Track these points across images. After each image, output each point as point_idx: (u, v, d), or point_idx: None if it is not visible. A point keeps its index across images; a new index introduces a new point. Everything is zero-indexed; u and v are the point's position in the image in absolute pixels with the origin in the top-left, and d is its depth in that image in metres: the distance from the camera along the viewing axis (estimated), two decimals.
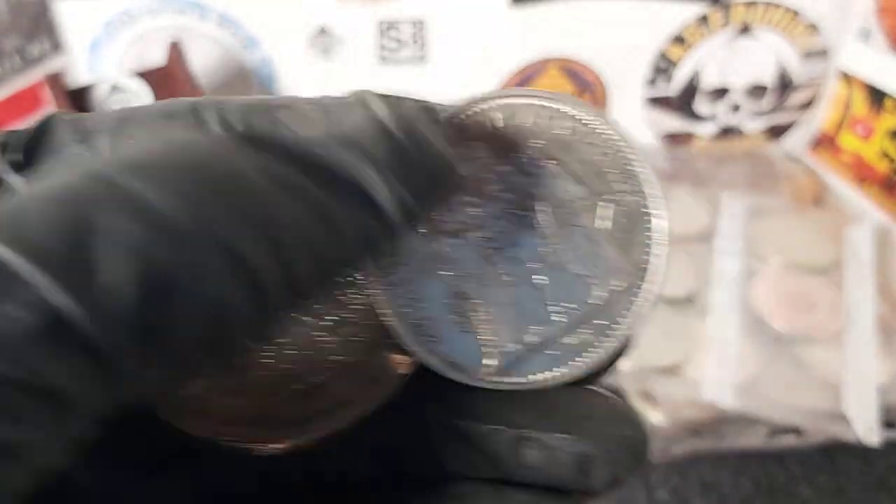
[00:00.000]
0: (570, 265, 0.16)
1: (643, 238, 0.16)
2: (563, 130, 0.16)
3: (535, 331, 0.16)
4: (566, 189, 0.16)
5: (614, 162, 0.16)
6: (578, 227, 0.16)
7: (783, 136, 0.75)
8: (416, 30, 0.65)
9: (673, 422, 0.48)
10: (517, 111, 0.17)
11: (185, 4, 0.63)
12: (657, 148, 0.74)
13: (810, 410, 0.48)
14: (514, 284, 0.16)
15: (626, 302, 0.16)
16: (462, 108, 0.16)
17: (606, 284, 0.16)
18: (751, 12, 0.66)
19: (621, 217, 0.16)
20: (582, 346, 0.16)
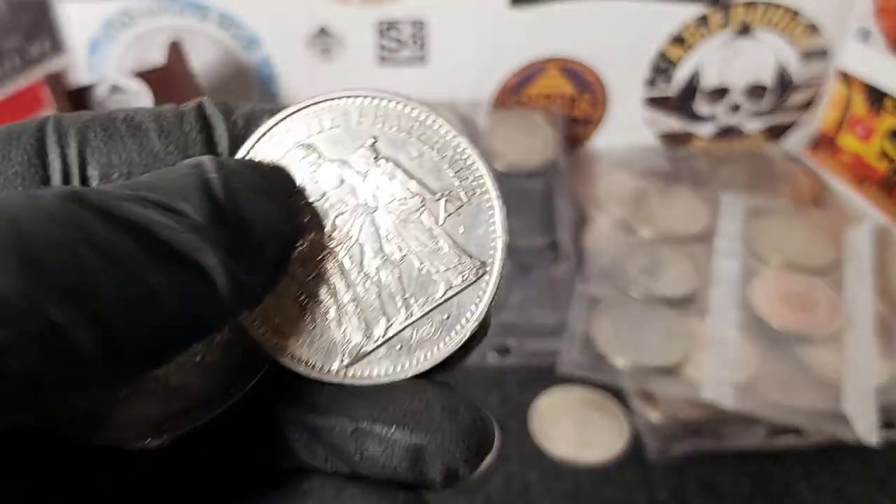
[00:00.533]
0: (413, 262, 0.17)
1: (485, 232, 0.17)
2: (394, 129, 0.17)
3: (380, 327, 0.17)
4: (404, 187, 0.17)
5: (450, 158, 0.17)
6: (418, 223, 0.17)
7: (783, 137, 0.75)
8: (416, 30, 0.65)
9: (673, 422, 0.48)
10: (347, 111, 0.17)
11: (185, 5, 0.63)
12: (657, 148, 0.74)
13: (810, 410, 0.48)
14: (358, 283, 0.17)
15: (472, 296, 0.17)
16: (287, 114, 0.17)
17: (448, 279, 0.17)
18: (750, 13, 0.67)
19: (461, 213, 0.17)
20: (428, 340, 0.17)
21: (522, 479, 0.47)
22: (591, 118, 0.72)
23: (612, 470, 0.48)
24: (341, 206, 0.17)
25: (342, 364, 0.17)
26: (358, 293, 0.17)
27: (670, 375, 0.50)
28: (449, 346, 0.17)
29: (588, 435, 0.49)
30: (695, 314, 0.55)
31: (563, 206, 0.63)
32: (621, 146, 0.73)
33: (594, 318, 0.55)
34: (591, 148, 0.73)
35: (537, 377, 0.53)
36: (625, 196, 0.66)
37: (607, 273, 0.58)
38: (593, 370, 0.52)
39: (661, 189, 0.66)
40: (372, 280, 0.17)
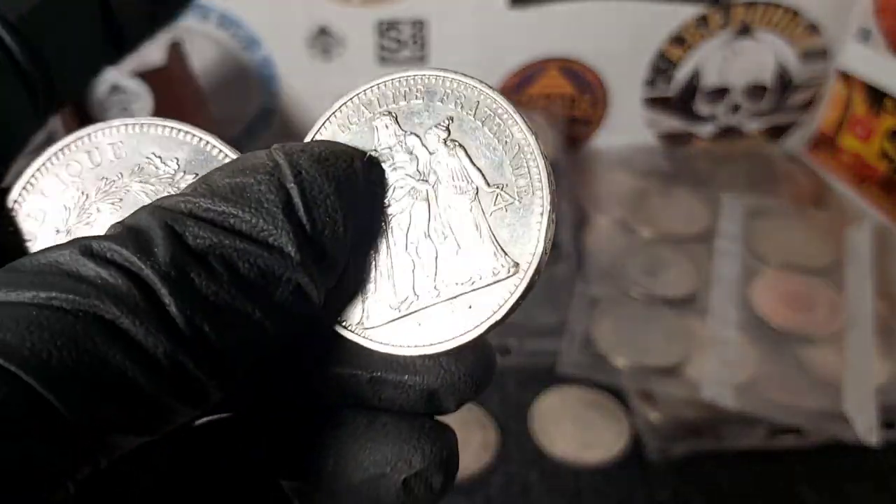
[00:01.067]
0: (452, 245, 0.17)
1: (528, 236, 0.17)
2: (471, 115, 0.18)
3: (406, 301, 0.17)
4: (463, 172, 0.17)
5: (515, 156, 0.17)
6: (466, 210, 0.17)
7: (783, 137, 0.75)
8: (416, 30, 0.65)
9: (673, 422, 0.48)
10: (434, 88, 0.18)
11: None
12: (657, 148, 0.74)
13: (810, 410, 0.48)
14: (397, 253, 0.17)
15: (498, 294, 0.17)
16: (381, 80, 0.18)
17: (480, 272, 0.17)
18: (750, 13, 0.67)
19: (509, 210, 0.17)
20: (446, 325, 0.17)
21: (523, 478, 0.47)
22: (591, 118, 0.72)
23: (613, 470, 0.48)
24: (402, 176, 0.18)
25: (365, 325, 0.18)
26: (395, 262, 0.18)
27: (670, 375, 0.50)
28: (464, 337, 0.17)
29: (588, 435, 0.49)
30: (695, 314, 0.55)
31: (563, 206, 0.63)
32: (621, 146, 0.73)
33: (594, 318, 0.55)
34: (592, 148, 0.73)
35: (537, 377, 0.53)
36: (625, 196, 0.66)
37: (607, 273, 0.58)
38: (593, 370, 0.52)
39: (662, 189, 0.66)
40: (410, 253, 0.17)
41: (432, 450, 0.17)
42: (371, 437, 0.17)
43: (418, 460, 0.17)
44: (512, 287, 0.17)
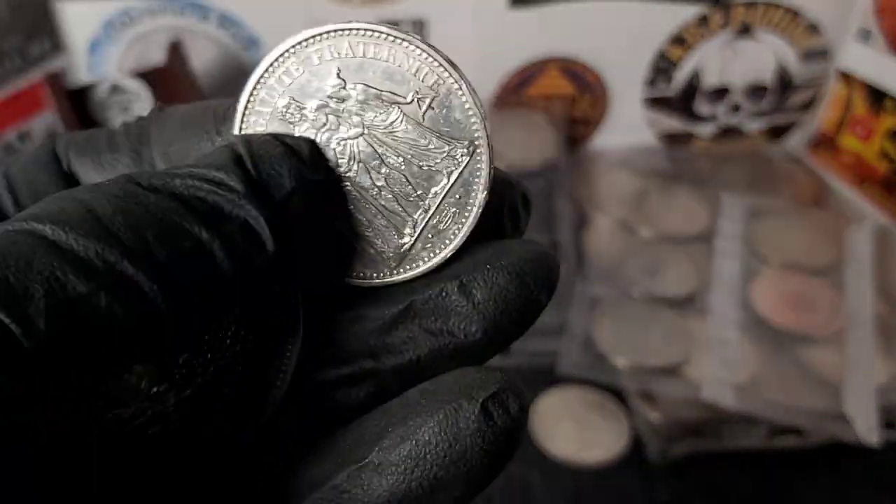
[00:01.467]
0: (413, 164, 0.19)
1: (463, 114, 0.18)
2: (350, 56, 0.19)
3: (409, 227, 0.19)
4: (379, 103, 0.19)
5: (408, 63, 0.19)
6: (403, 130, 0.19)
7: (783, 137, 0.75)
8: (416, 30, 0.65)
9: (673, 422, 0.48)
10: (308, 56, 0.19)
11: (185, 5, 0.63)
12: (657, 148, 0.74)
13: (810, 411, 0.48)
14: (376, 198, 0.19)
15: (472, 171, 0.19)
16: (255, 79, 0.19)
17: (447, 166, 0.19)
18: (751, 13, 0.67)
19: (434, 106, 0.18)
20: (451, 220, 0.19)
21: (523, 479, 0.47)
22: (592, 118, 0.72)
23: (613, 470, 0.48)
24: (335, 140, 0.19)
25: (391, 267, 0.19)
26: (380, 206, 0.19)
27: (671, 376, 0.50)
28: (470, 218, 0.19)
29: (588, 435, 0.49)
30: (695, 314, 0.55)
31: (564, 206, 0.63)
32: (622, 146, 0.73)
33: (595, 318, 0.55)
34: (592, 148, 0.73)
35: (538, 377, 0.53)
36: (625, 196, 0.66)
37: (608, 273, 0.58)
38: (594, 370, 0.52)
39: (662, 189, 0.66)
40: (385, 192, 0.19)
41: (502, 376, 0.17)
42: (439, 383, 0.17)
43: (492, 384, 0.16)
44: (479, 159, 0.18)
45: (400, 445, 0.16)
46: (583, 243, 0.62)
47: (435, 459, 0.16)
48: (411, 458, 0.16)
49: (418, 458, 0.16)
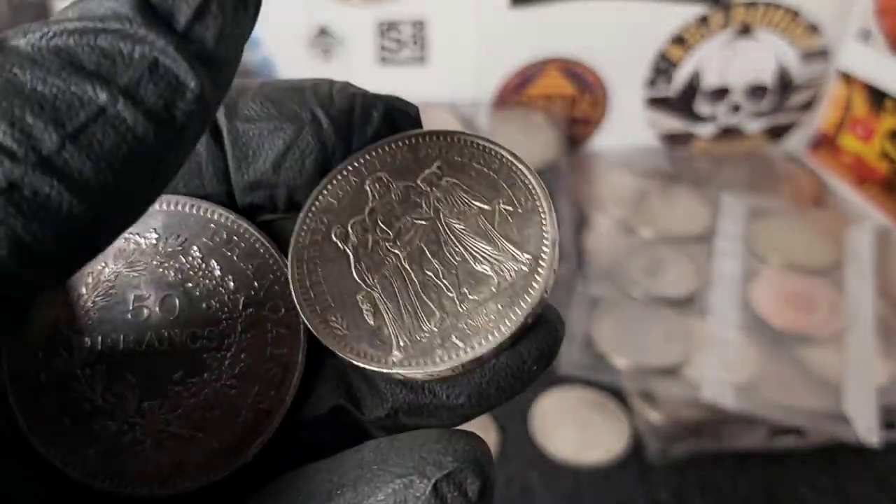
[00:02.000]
0: (470, 263, 0.18)
1: (537, 231, 0.18)
2: (456, 156, 0.19)
3: (435, 319, 0.18)
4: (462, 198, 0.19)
5: (505, 175, 0.19)
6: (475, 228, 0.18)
7: (783, 137, 0.75)
8: (417, 30, 0.65)
9: (673, 422, 0.48)
10: (417, 145, 0.19)
11: None
12: (657, 149, 0.74)
13: (810, 411, 0.48)
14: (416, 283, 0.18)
15: (525, 287, 0.18)
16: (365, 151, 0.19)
17: (501, 272, 0.18)
18: (751, 13, 0.67)
19: (513, 217, 0.18)
20: (483, 328, 0.18)
21: (523, 479, 0.47)
22: (592, 118, 0.72)
23: (613, 470, 0.48)
24: (406, 219, 0.19)
25: (400, 355, 0.18)
26: (417, 291, 0.18)
27: (671, 376, 0.50)
28: (503, 334, 0.17)
29: (589, 435, 0.49)
30: (695, 314, 0.55)
31: (564, 206, 0.63)
32: (622, 147, 0.73)
33: (595, 318, 0.55)
34: (592, 148, 0.73)
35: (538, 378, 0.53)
36: (625, 196, 0.66)
37: (608, 273, 0.58)
38: (594, 371, 0.52)
39: (662, 189, 0.66)
40: (430, 280, 0.18)
41: (465, 448, 0.15)
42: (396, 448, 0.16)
43: (449, 460, 0.15)
44: (537, 277, 0.18)
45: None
46: (583, 243, 0.62)
47: None
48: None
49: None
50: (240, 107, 0.18)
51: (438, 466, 0.15)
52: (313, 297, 0.18)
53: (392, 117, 0.19)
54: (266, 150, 0.18)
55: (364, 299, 0.18)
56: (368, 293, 0.18)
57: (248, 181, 0.18)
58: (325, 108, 0.18)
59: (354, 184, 0.19)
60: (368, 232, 0.19)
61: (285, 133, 0.18)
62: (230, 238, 0.19)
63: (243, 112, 0.18)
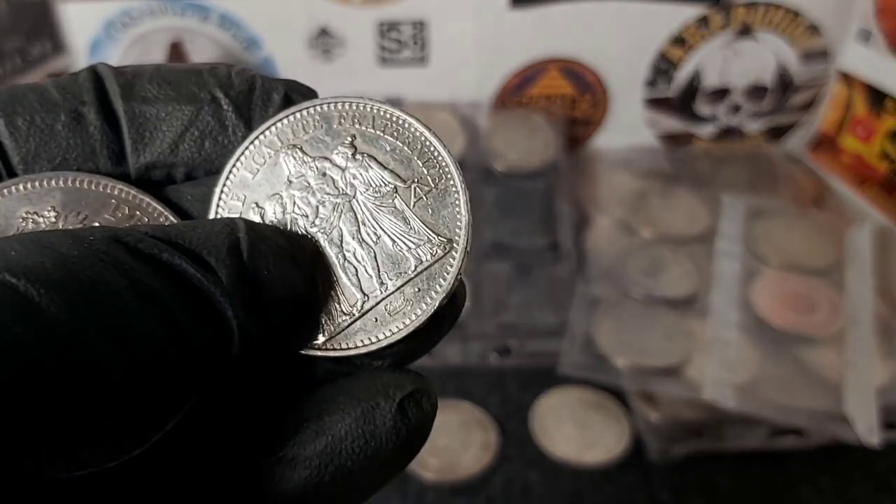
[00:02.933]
0: (387, 242, 0.19)
1: (451, 213, 0.19)
2: (370, 128, 0.19)
3: (357, 303, 0.18)
4: (378, 176, 0.19)
5: (419, 151, 0.19)
6: (391, 208, 0.19)
7: (783, 137, 0.75)
8: (417, 31, 0.65)
9: (673, 422, 0.48)
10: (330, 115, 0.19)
11: (186, 5, 0.63)
12: (658, 149, 0.74)
13: (811, 411, 0.48)
14: (336, 264, 0.19)
15: (440, 270, 0.18)
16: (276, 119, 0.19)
17: (419, 255, 0.18)
18: (751, 13, 0.67)
19: (429, 197, 0.19)
20: (400, 312, 0.18)
21: (523, 479, 0.47)
22: (592, 119, 0.72)
23: (613, 471, 0.48)
24: (323, 196, 0.19)
25: (324, 338, 0.18)
26: (337, 274, 0.18)
27: (671, 376, 0.50)
28: (420, 318, 0.18)
29: (589, 435, 0.49)
30: (695, 315, 0.55)
31: (564, 206, 0.63)
32: (622, 147, 0.73)
33: (595, 318, 0.55)
34: (592, 149, 0.74)
35: (538, 378, 0.53)
36: (625, 197, 0.66)
37: (608, 274, 0.58)
38: (594, 371, 0.52)
39: (662, 190, 0.66)
40: (349, 261, 0.19)
41: (415, 376, 0.18)
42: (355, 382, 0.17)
43: (407, 384, 0.17)
44: (451, 261, 0.18)
45: (315, 440, 0.16)
46: (583, 244, 0.62)
47: (350, 455, 0.16)
48: (326, 454, 0.16)
49: (333, 452, 0.16)
50: (136, 88, 0.18)
51: (401, 388, 0.17)
52: None
53: (291, 99, 0.19)
54: (164, 130, 0.18)
55: None
56: None
57: (145, 162, 0.19)
58: (224, 89, 0.19)
59: (268, 156, 0.19)
60: (286, 209, 0.19)
61: (183, 113, 0.18)
62: (132, 213, 0.19)
63: (140, 94, 0.18)
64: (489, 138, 0.67)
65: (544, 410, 0.51)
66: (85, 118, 0.18)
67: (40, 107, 0.17)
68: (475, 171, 0.64)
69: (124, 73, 0.19)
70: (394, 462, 0.17)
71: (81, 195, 0.18)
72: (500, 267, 0.59)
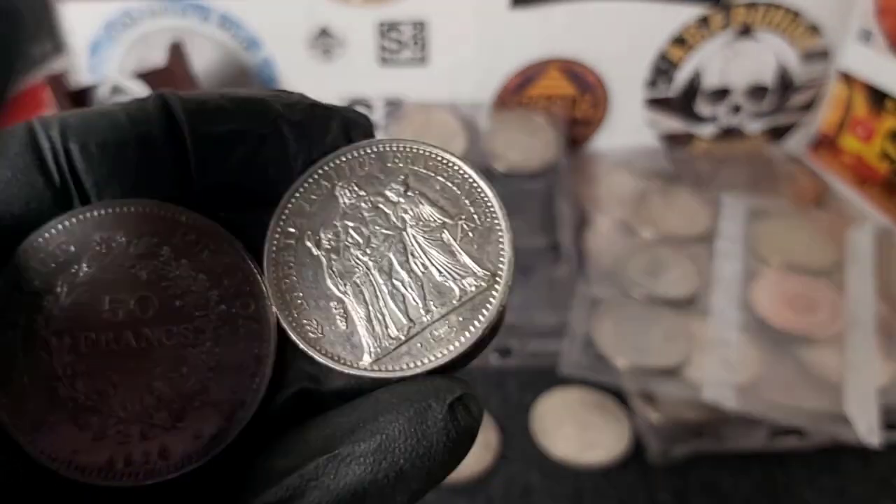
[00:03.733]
0: (434, 273, 0.20)
1: (495, 249, 0.20)
2: (423, 168, 0.21)
3: (403, 328, 0.19)
4: (428, 211, 0.20)
5: (467, 192, 0.20)
6: (439, 241, 0.20)
7: (784, 138, 0.75)
8: (417, 31, 0.65)
9: (674, 423, 0.48)
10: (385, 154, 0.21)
11: (186, 6, 0.63)
12: (658, 149, 0.74)
13: (811, 411, 0.48)
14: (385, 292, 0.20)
15: (483, 301, 0.19)
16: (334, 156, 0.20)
17: (464, 286, 0.19)
18: (751, 13, 0.67)
19: (474, 233, 0.20)
20: (445, 339, 0.19)
21: (524, 480, 0.47)
22: (592, 119, 0.72)
23: (613, 471, 0.48)
24: (374, 228, 0.20)
25: (371, 359, 0.19)
26: (386, 300, 0.20)
27: (671, 376, 0.50)
28: (463, 345, 0.19)
29: (589, 436, 0.49)
30: (696, 315, 0.55)
31: (564, 207, 0.63)
32: (622, 147, 0.73)
33: (595, 319, 0.55)
34: (592, 149, 0.74)
35: (538, 378, 0.53)
36: (626, 197, 0.66)
37: (608, 274, 0.58)
38: (594, 371, 0.52)
39: (662, 190, 0.66)
40: (397, 289, 0.20)
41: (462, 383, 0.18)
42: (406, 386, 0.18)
43: (457, 388, 0.18)
44: (494, 292, 0.19)
45: (371, 438, 0.17)
46: (583, 244, 0.62)
47: (403, 452, 0.17)
48: (381, 451, 0.17)
49: (387, 450, 0.17)
50: (203, 115, 0.19)
51: (451, 392, 0.18)
52: (288, 300, 0.20)
53: (347, 127, 0.20)
54: (228, 157, 0.19)
55: (337, 305, 0.20)
56: (341, 299, 0.20)
57: (210, 185, 0.19)
58: (285, 117, 0.19)
59: (325, 189, 0.20)
60: (340, 239, 0.20)
61: (248, 139, 0.19)
62: (199, 238, 0.20)
63: (206, 119, 0.19)
64: (489, 139, 0.67)
65: (545, 411, 0.51)
66: (153, 144, 0.18)
67: (112, 133, 0.18)
68: None
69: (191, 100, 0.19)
70: (443, 463, 0.17)
71: (151, 221, 0.19)
72: None
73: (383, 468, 0.17)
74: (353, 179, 0.20)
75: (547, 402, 0.52)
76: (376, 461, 0.17)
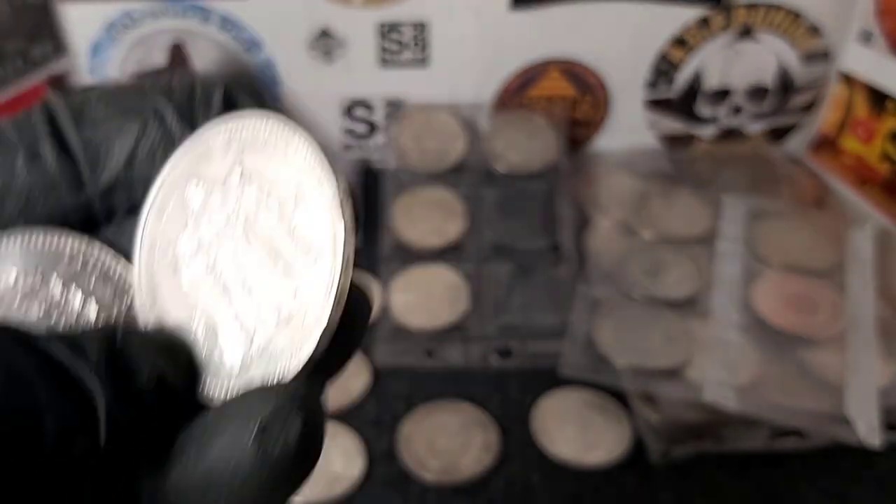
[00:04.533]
0: (260, 284, 0.18)
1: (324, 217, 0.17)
2: None
3: (245, 346, 0.18)
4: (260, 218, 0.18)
5: None
6: (258, 246, 0.18)
7: (784, 139, 0.75)
8: (418, 32, 0.65)
9: (674, 423, 0.48)
10: None
11: (187, 7, 0.63)
12: (658, 150, 0.74)
13: (812, 412, 0.48)
14: (221, 309, 0.18)
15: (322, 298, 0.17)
16: None
17: (293, 291, 0.17)
18: (752, 14, 0.67)
19: None
20: (287, 348, 0.17)
21: (524, 480, 0.47)
22: (593, 120, 0.72)
23: (614, 472, 0.48)
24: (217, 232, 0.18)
25: (225, 384, 0.18)
26: (231, 314, 0.18)
27: (672, 377, 0.50)
28: (307, 351, 0.17)
29: (590, 437, 0.49)
30: (696, 316, 0.55)
31: (565, 207, 0.63)
32: (623, 148, 0.73)
33: (596, 319, 0.55)
34: (593, 150, 0.74)
35: (539, 379, 0.53)
36: (626, 198, 0.66)
37: (609, 275, 0.58)
38: (595, 372, 0.52)
39: (663, 191, 0.66)
40: (234, 305, 0.18)
41: (287, 390, 0.16)
42: (231, 409, 0.17)
43: (268, 406, 0.16)
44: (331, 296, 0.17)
45: (196, 465, 0.16)
46: (584, 245, 0.62)
47: (223, 479, 0.16)
48: (205, 480, 0.16)
49: (210, 478, 0.16)
50: (85, 114, 0.19)
51: (259, 412, 0.16)
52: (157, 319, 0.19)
53: (232, 96, 0.19)
54: (115, 150, 0.19)
55: (193, 324, 0.18)
56: (193, 318, 0.18)
57: (104, 186, 0.19)
58: (166, 98, 0.19)
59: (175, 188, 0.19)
60: (192, 254, 0.19)
61: (131, 130, 0.18)
62: (84, 264, 0.19)
63: (89, 119, 0.18)
64: (490, 140, 0.67)
65: (545, 412, 0.51)
66: (41, 154, 0.18)
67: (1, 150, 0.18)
68: (476, 173, 0.64)
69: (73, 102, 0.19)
70: (269, 486, 0.16)
71: (37, 254, 0.19)
72: (500, 268, 0.59)
73: (211, 499, 0.16)
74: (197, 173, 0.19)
75: (547, 403, 0.52)
76: (205, 486, 0.16)
